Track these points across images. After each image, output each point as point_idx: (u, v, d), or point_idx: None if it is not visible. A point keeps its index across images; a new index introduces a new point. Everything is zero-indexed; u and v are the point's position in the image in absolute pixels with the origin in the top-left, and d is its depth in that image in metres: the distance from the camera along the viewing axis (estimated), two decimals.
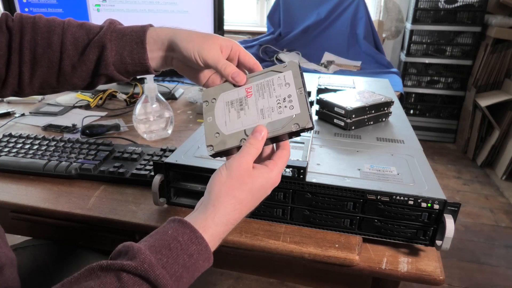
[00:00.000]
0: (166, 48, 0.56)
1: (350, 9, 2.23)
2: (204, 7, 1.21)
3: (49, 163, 0.73)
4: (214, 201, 0.44)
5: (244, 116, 0.48)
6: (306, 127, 0.45)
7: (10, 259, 0.43)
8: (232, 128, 0.48)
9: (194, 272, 0.40)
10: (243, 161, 0.44)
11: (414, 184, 0.56)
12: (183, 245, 0.40)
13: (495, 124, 2.45)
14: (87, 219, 0.63)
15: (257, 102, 0.48)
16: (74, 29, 0.57)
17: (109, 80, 0.60)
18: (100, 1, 1.14)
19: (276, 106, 0.47)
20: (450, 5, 2.64)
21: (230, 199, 0.44)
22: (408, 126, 0.82)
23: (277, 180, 0.47)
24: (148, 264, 0.37)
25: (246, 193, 0.44)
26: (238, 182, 0.44)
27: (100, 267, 0.37)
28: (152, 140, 0.92)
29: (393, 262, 0.54)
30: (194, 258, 0.40)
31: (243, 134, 0.47)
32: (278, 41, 2.25)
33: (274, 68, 0.50)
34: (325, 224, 0.58)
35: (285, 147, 0.48)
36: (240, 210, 0.44)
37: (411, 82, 2.90)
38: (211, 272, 1.60)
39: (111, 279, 0.36)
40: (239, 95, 0.49)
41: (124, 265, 0.36)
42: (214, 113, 0.49)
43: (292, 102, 0.46)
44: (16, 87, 0.59)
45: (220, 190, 0.44)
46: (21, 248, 0.74)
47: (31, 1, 1.10)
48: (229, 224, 0.44)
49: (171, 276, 0.37)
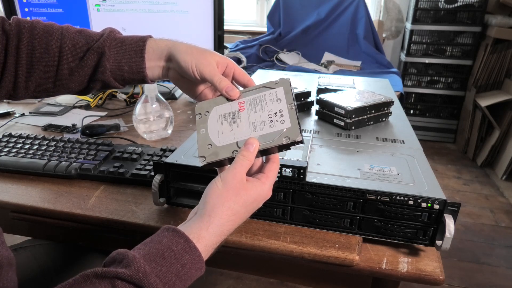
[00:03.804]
0: (164, 59, 0.58)
1: (350, 9, 2.22)
2: (204, 7, 1.21)
3: (49, 163, 0.73)
4: (209, 211, 0.44)
5: (236, 128, 0.49)
6: (296, 141, 0.47)
7: (8, 259, 0.43)
8: (225, 140, 0.49)
9: (187, 281, 0.41)
10: (237, 172, 0.45)
11: (414, 184, 0.56)
12: (177, 255, 0.40)
13: (495, 124, 2.45)
14: (87, 219, 0.63)
15: (249, 116, 0.50)
16: (72, 35, 0.58)
17: (104, 86, 0.61)
18: (100, 1, 1.14)
19: (268, 120, 0.49)
20: (450, 5, 2.64)
21: (225, 210, 0.44)
22: (408, 126, 0.82)
23: (269, 194, 0.48)
24: (143, 273, 0.37)
25: (239, 205, 0.45)
26: (233, 194, 0.45)
27: (95, 274, 0.37)
28: (152, 140, 0.92)
29: (393, 262, 0.54)
30: (187, 267, 0.40)
31: (235, 146, 0.48)
32: (278, 41, 2.25)
33: (266, 84, 0.52)
34: (325, 224, 0.58)
35: (275, 160, 0.49)
36: (234, 221, 0.45)
37: (411, 82, 2.90)
38: (211, 272, 1.60)
39: (106, 286, 0.36)
40: (232, 109, 0.51)
41: (118, 273, 0.37)
42: (207, 125, 0.51)
43: (283, 117, 0.48)
44: (11, 90, 0.59)
45: (216, 201, 0.45)
46: (21, 248, 0.74)
47: (31, 1, 1.10)
48: (222, 235, 0.45)
49: (164, 285, 0.38)
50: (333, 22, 2.25)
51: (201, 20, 1.22)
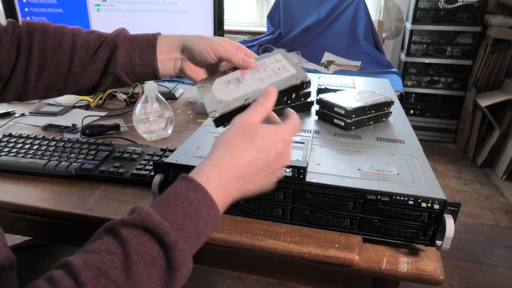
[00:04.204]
0: (177, 51, 0.60)
1: (350, 9, 2.23)
2: (204, 7, 1.21)
3: (49, 163, 0.73)
4: (210, 150, 0.44)
5: (243, 86, 0.51)
6: (305, 81, 0.49)
7: (10, 261, 0.43)
8: (234, 95, 0.50)
9: (198, 221, 0.39)
10: (247, 116, 0.45)
11: (414, 184, 0.56)
12: (180, 194, 0.39)
13: (495, 124, 2.45)
14: (87, 219, 0.63)
15: (254, 75, 0.52)
16: (84, 34, 0.60)
17: (114, 81, 0.61)
18: (100, 1, 1.14)
19: (273, 73, 0.51)
20: (450, 5, 2.64)
21: (226, 145, 0.43)
22: (408, 126, 0.82)
23: (286, 136, 0.45)
24: (145, 213, 0.36)
25: (244, 141, 0.43)
26: (237, 132, 0.44)
27: (104, 229, 0.37)
28: (152, 140, 0.92)
29: (393, 262, 0.54)
30: (195, 205, 0.39)
31: (246, 96, 0.49)
32: (278, 41, 2.25)
33: (264, 55, 0.55)
34: (325, 224, 0.58)
35: (292, 115, 0.48)
36: (238, 156, 0.42)
37: (411, 82, 2.90)
38: (211, 272, 1.60)
39: (113, 237, 0.36)
40: (235, 76, 0.54)
41: (123, 220, 0.36)
42: (212, 91, 0.52)
43: (287, 68, 0.51)
44: (20, 90, 0.59)
45: (217, 141, 0.44)
46: (21, 248, 0.74)
47: (31, 1, 1.10)
48: (226, 169, 0.42)
49: (171, 224, 0.37)
50: (333, 22, 2.26)
51: (201, 20, 1.22)
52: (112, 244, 0.35)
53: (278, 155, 0.44)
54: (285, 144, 0.45)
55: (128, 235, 0.35)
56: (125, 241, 0.35)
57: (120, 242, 0.35)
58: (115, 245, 0.35)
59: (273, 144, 0.43)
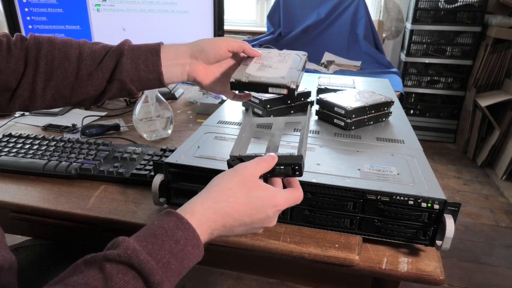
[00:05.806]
0: (184, 56, 0.63)
1: (350, 9, 2.23)
2: (204, 7, 1.21)
3: (49, 163, 0.73)
4: (208, 188, 0.44)
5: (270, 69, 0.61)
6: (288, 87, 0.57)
7: (9, 262, 0.43)
8: (270, 74, 0.60)
9: (183, 259, 0.39)
10: (250, 167, 0.45)
11: (414, 184, 0.56)
12: (168, 232, 0.39)
13: (495, 124, 2.45)
14: (87, 219, 0.63)
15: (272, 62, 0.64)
16: (90, 45, 0.62)
17: (120, 89, 0.62)
18: (100, 1, 1.14)
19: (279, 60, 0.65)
20: (450, 5, 2.64)
21: (225, 190, 0.43)
22: (408, 126, 0.82)
23: (281, 203, 0.46)
24: (132, 250, 0.35)
25: (243, 193, 0.43)
26: (239, 180, 0.44)
27: (84, 261, 0.36)
28: (152, 140, 0.92)
29: (393, 262, 0.54)
30: (181, 244, 0.38)
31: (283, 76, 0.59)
32: (278, 41, 2.26)
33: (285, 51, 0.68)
34: (325, 224, 0.58)
35: (297, 186, 0.49)
36: (233, 206, 0.43)
37: (411, 82, 2.90)
38: (211, 272, 1.60)
39: (95, 271, 0.34)
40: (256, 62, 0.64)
41: (107, 254, 0.35)
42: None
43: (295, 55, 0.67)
44: (27, 99, 0.60)
45: (219, 181, 0.44)
46: (21, 248, 0.74)
47: (31, 1, 1.10)
48: (218, 215, 0.42)
49: (157, 262, 0.36)
50: (333, 22, 2.26)
51: (201, 20, 1.22)
52: (93, 278, 0.34)
53: (265, 218, 0.45)
54: (276, 210, 0.46)
55: (113, 271, 0.34)
56: (109, 276, 0.34)
57: (103, 276, 0.34)
58: (96, 279, 0.34)
59: (265, 208, 0.45)
